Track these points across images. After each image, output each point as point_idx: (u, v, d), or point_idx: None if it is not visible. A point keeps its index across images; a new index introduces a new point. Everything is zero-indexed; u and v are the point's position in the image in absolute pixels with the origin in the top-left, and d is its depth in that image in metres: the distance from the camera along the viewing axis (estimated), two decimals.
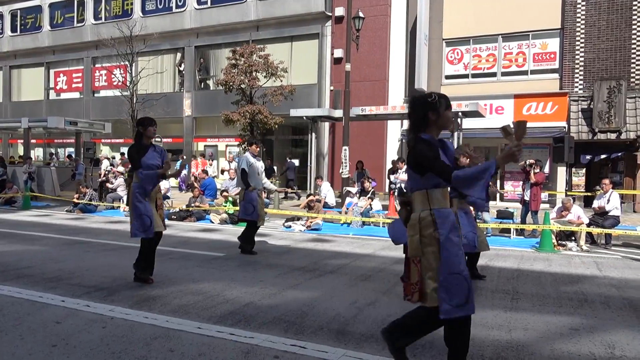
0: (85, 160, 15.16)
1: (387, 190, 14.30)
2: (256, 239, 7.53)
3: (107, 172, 15.48)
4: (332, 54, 18.41)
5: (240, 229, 10.72)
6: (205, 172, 15.09)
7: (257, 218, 7.30)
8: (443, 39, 16.95)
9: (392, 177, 12.85)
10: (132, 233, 5.22)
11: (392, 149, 17.56)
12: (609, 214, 9.37)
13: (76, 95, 25.05)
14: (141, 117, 5.53)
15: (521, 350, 3.58)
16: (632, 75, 14.52)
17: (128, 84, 19.20)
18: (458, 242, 2.80)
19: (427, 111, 2.88)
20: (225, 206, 11.73)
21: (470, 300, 2.73)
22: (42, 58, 25.57)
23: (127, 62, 19.04)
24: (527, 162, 10.50)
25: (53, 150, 25.77)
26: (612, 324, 4.23)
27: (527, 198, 10.36)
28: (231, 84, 16.01)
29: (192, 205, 12.04)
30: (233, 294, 4.97)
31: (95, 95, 24.50)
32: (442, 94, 2.98)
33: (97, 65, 24.19)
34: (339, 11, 17.98)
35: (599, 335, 3.92)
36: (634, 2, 14.49)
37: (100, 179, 15.73)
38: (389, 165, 15.32)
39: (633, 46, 14.57)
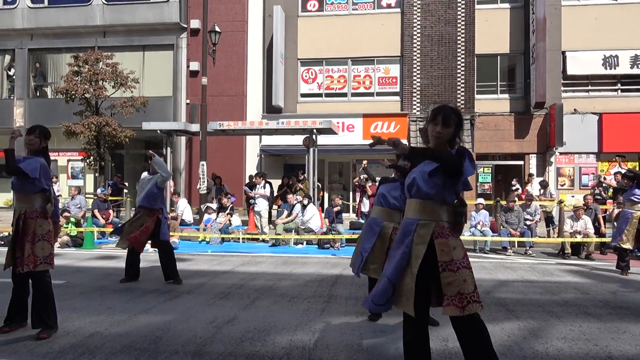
0: None
1: (245, 205, 14.26)
2: (103, 262, 6.89)
3: None
4: (188, 66, 17.92)
5: (86, 252, 9.78)
6: None
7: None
8: (298, 59, 17.66)
9: (248, 192, 12.90)
10: None
11: (252, 163, 17.64)
12: None
13: None
14: None
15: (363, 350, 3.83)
16: (458, 100, 16.74)
17: None
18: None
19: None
20: (67, 228, 10.57)
21: None
22: None
23: None
24: (362, 178, 11.54)
25: None
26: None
27: (364, 209, 11.30)
28: (73, 92, 14.60)
29: None
30: (75, 325, 4.49)
31: None
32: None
33: None
34: (195, 24, 17.62)
35: (435, 331, 4.37)
36: (458, 37, 16.80)
37: None
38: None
39: (458, 75, 16.83)
